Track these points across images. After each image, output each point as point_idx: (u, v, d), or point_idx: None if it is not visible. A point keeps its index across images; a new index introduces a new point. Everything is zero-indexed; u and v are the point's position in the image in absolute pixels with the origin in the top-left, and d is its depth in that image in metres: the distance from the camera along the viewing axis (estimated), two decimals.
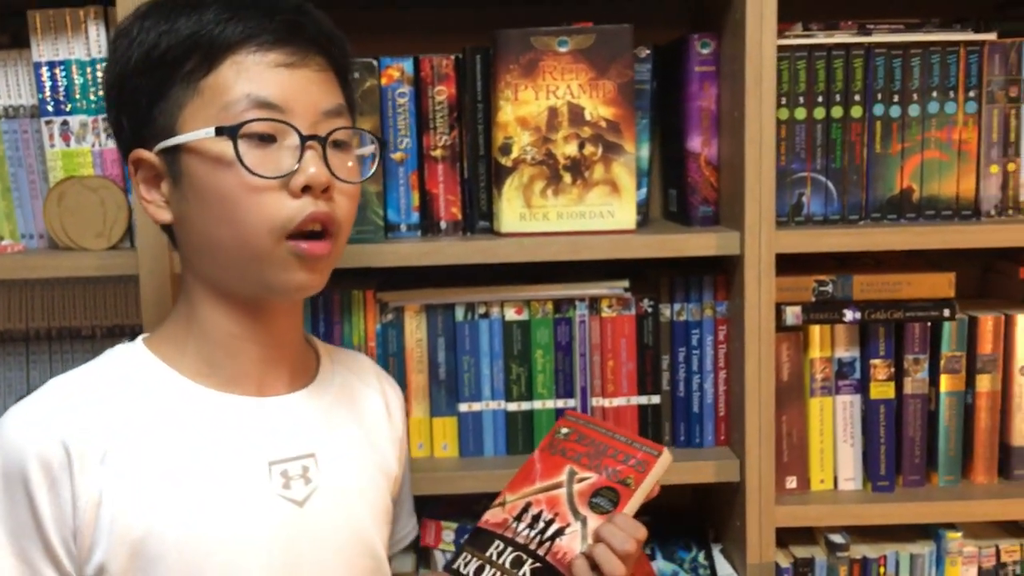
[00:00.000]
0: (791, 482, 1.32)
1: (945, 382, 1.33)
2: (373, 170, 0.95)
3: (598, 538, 0.94)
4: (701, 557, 1.37)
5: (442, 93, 1.29)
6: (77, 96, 1.27)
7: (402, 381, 1.31)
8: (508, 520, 1.01)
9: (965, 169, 1.31)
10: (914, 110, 1.30)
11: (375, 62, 1.25)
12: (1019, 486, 1.33)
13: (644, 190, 1.36)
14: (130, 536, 0.81)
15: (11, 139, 1.29)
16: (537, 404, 1.32)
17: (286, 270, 0.85)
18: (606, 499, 0.99)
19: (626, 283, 1.30)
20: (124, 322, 1.39)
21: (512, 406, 1.32)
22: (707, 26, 1.33)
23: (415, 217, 1.30)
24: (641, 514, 1.49)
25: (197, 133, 0.83)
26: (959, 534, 1.32)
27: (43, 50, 1.26)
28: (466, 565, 0.99)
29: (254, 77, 0.83)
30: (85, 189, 1.26)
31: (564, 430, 1.07)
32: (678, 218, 1.40)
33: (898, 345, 1.32)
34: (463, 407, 1.32)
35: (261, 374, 0.92)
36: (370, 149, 0.95)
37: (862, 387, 1.33)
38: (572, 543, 0.96)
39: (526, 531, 0.98)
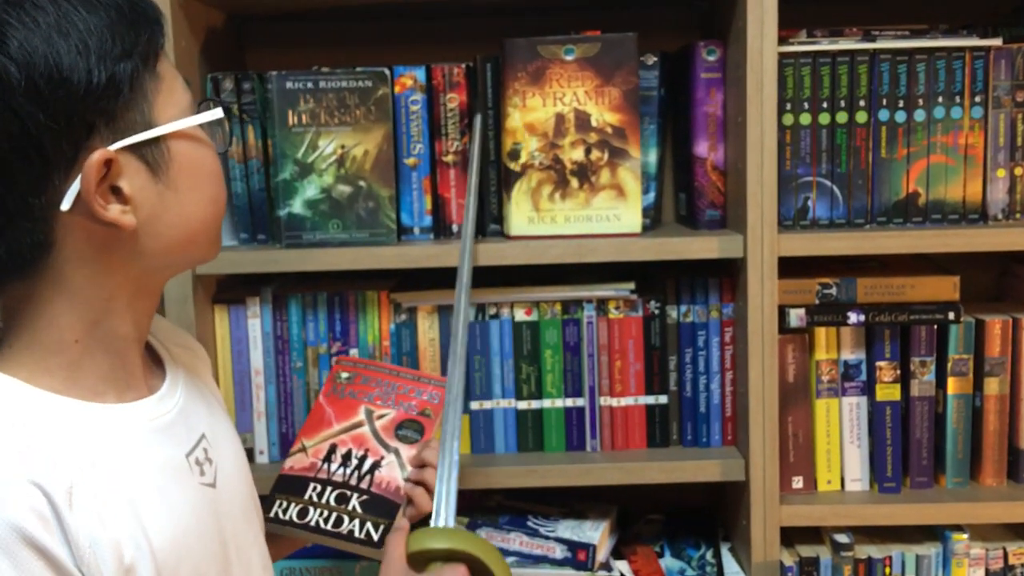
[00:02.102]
0: (797, 482, 1.34)
1: (952, 384, 1.33)
2: None
3: (422, 462, 1.04)
4: (709, 555, 1.39)
5: (453, 100, 1.33)
6: None
7: None
8: (316, 463, 1.07)
9: (972, 173, 1.32)
10: (920, 115, 1.31)
11: (388, 71, 1.30)
12: None
13: (652, 194, 1.39)
14: (122, 569, 0.76)
15: None
16: (547, 403, 1.35)
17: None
18: (412, 430, 1.09)
19: (632, 285, 1.33)
20: None
21: (522, 404, 1.35)
22: (713, 34, 1.36)
23: (428, 220, 1.35)
24: (654, 512, 1.53)
25: (204, 115, 0.83)
26: (965, 536, 1.32)
27: None
28: (285, 512, 1.05)
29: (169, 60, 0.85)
30: None
31: (344, 375, 1.14)
32: (687, 221, 1.42)
33: (904, 348, 1.33)
34: (475, 405, 1.36)
35: (144, 373, 0.88)
36: None
37: (868, 389, 1.34)
38: (392, 472, 1.06)
39: (340, 470, 1.06)
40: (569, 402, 1.35)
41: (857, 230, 1.32)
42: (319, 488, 1.05)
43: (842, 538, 1.32)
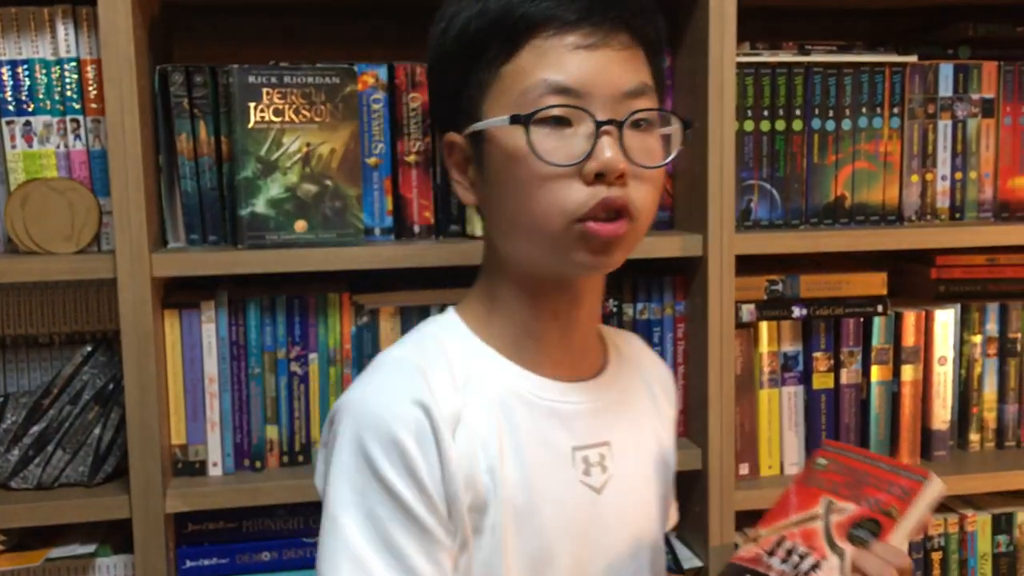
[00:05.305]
0: (744, 469, 1.42)
1: (875, 372, 1.45)
2: (675, 153, 0.89)
3: (858, 570, 0.88)
4: None
5: (416, 100, 1.32)
6: (41, 96, 1.23)
7: None
8: (761, 555, 0.95)
9: (890, 178, 1.45)
10: (846, 124, 1.42)
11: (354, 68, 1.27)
12: (939, 466, 1.47)
13: None
14: (477, 503, 0.84)
15: None
16: None
17: (574, 251, 0.84)
18: (866, 530, 0.92)
19: None
20: (83, 328, 1.35)
21: None
22: None
23: (388, 221, 1.33)
24: None
25: (493, 120, 0.84)
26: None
27: (5, 48, 1.22)
28: None
29: (552, 62, 0.82)
30: (51, 191, 1.22)
31: (822, 460, 1.03)
32: None
33: (836, 339, 1.44)
34: None
35: (560, 359, 0.91)
36: (674, 129, 0.90)
37: (805, 378, 1.44)
38: None
39: (780, 566, 0.94)
40: None
41: (794, 230, 1.41)
42: None
43: None
